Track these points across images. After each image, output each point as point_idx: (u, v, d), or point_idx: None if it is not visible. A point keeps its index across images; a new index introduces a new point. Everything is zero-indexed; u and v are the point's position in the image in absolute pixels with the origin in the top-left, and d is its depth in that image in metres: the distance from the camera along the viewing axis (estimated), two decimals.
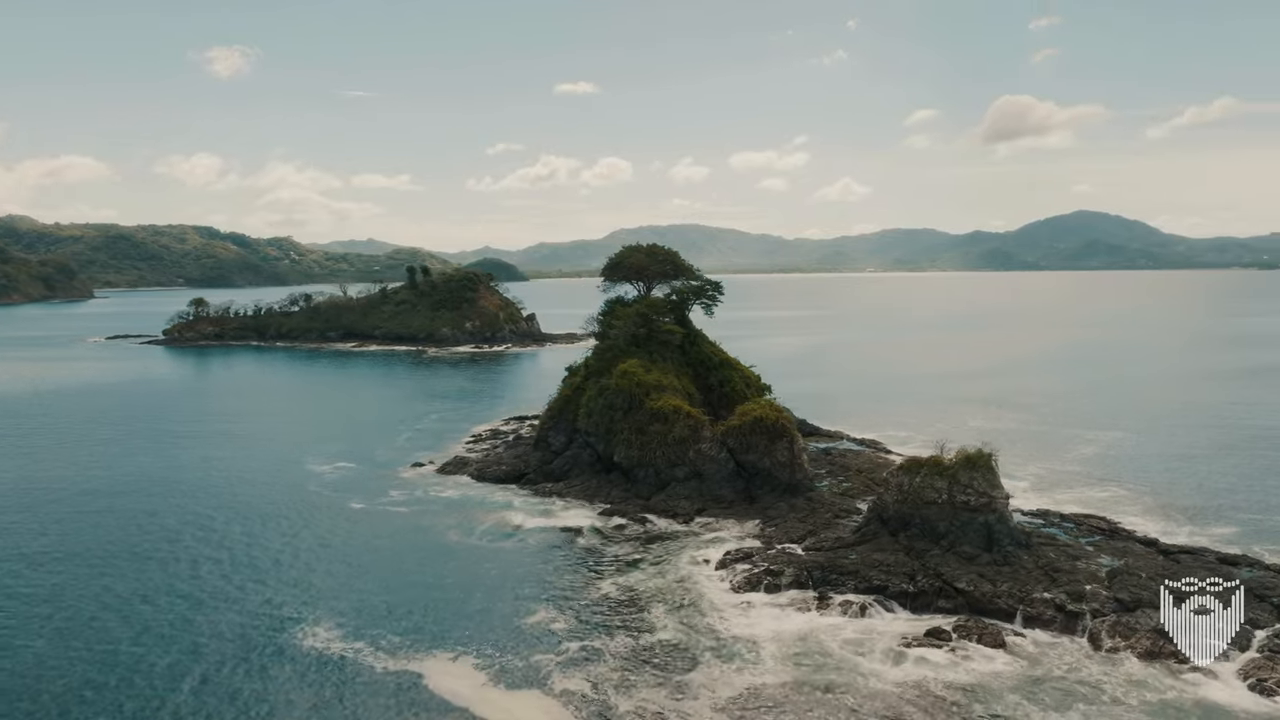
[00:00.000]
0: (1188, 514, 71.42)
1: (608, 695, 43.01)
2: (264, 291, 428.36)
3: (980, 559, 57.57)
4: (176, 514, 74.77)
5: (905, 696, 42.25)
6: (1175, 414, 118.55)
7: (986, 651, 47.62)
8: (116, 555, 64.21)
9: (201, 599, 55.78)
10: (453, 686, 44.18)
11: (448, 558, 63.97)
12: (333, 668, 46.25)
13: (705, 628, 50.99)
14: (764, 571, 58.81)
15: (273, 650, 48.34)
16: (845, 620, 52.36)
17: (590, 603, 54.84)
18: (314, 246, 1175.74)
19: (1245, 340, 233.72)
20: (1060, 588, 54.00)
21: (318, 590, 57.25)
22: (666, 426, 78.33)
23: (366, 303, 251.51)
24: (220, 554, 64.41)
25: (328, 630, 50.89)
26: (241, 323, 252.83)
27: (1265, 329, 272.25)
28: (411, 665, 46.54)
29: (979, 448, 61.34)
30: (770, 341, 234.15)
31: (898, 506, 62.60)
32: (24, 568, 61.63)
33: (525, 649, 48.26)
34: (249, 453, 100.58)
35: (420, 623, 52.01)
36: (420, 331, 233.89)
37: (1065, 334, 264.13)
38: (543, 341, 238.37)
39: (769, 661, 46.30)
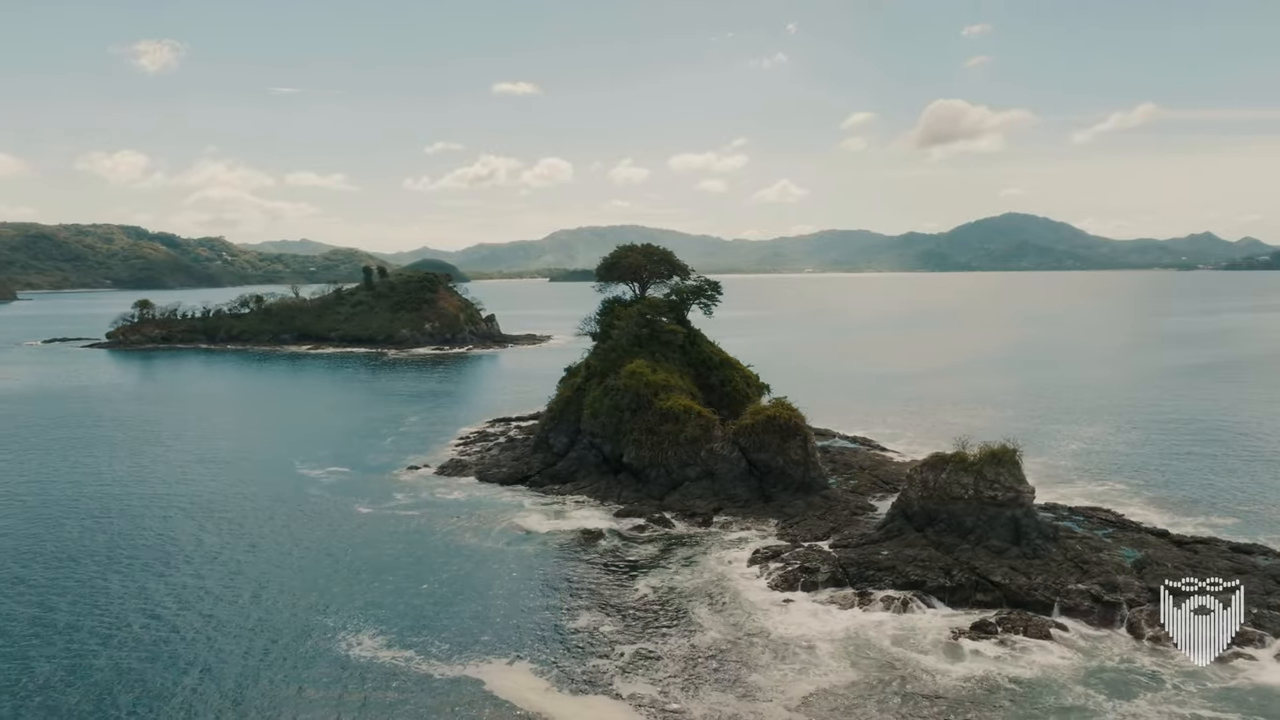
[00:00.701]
0: (1186, 506, 73.68)
1: (676, 699, 42.58)
2: (207, 293, 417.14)
3: (1009, 552, 58.52)
4: (183, 527, 72.06)
5: (975, 692, 42.69)
6: (1143, 410, 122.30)
7: (1036, 644, 48.39)
8: (130, 569, 61.60)
9: (232, 612, 53.75)
10: (518, 692, 43.30)
11: (472, 561, 62.79)
12: (390, 676, 44.97)
13: (753, 627, 50.87)
14: (799, 569, 58.96)
15: (323, 660, 46.85)
16: (889, 616, 52.71)
17: (631, 605, 54.30)
18: (247, 247, 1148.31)
19: (1180, 339, 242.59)
20: (1092, 579, 55.15)
21: (346, 598, 55.64)
22: (678, 426, 78.09)
23: (321, 304, 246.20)
24: (239, 560, 62.28)
25: (371, 639, 49.50)
26: (190, 325, 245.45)
27: (1194, 328, 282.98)
28: (469, 672, 45.51)
29: (1003, 443, 62.36)
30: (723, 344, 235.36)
31: (923, 502, 63.34)
32: (67, 585, 58.78)
33: (579, 653, 47.57)
34: (236, 459, 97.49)
35: (464, 628, 50.91)
36: (379, 333, 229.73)
37: (1009, 334, 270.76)
38: (503, 343, 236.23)
39: (829, 661, 46.34)
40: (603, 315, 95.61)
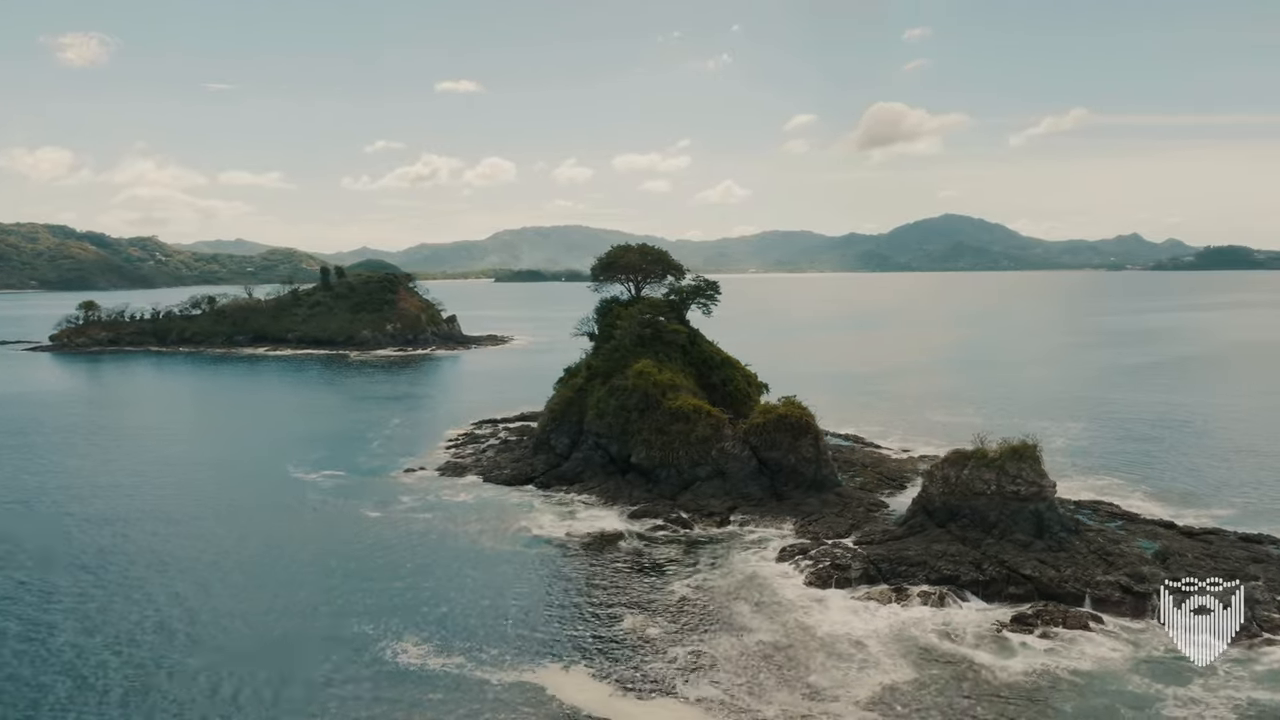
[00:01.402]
0: (1183, 498, 75.88)
1: (744, 700, 42.38)
2: (141, 294, 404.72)
3: (1034, 546, 59.49)
4: (195, 533, 69.74)
5: (1039, 684, 43.31)
6: (1116, 406, 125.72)
7: (1082, 635, 49.28)
8: (151, 580, 59.34)
9: (268, 621, 52.09)
10: (582, 698, 42.69)
11: (496, 564, 61.86)
12: (447, 683, 43.97)
13: (799, 626, 50.92)
14: (830, 566, 59.27)
15: (375, 669, 45.64)
16: (928, 612, 53.17)
17: (670, 606, 53.93)
18: (180, 247, 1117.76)
19: (1128, 336, 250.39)
20: (1119, 570, 56.36)
21: (377, 604, 54.30)
22: (688, 426, 77.93)
23: (277, 305, 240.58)
24: (259, 569, 60.46)
25: (415, 645, 48.38)
26: (139, 327, 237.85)
27: (1139, 325, 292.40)
28: (526, 677, 44.73)
29: (1023, 439, 63.49)
30: None
31: (945, 498, 64.11)
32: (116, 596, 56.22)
33: (632, 656, 47.08)
34: (223, 464, 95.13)
35: (507, 633, 50.06)
36: (339, 334, 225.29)
37: (960, 333, 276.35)
38: (466, 344, 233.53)
39: (884, 659, 46.54)
40: (601, 316, 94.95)
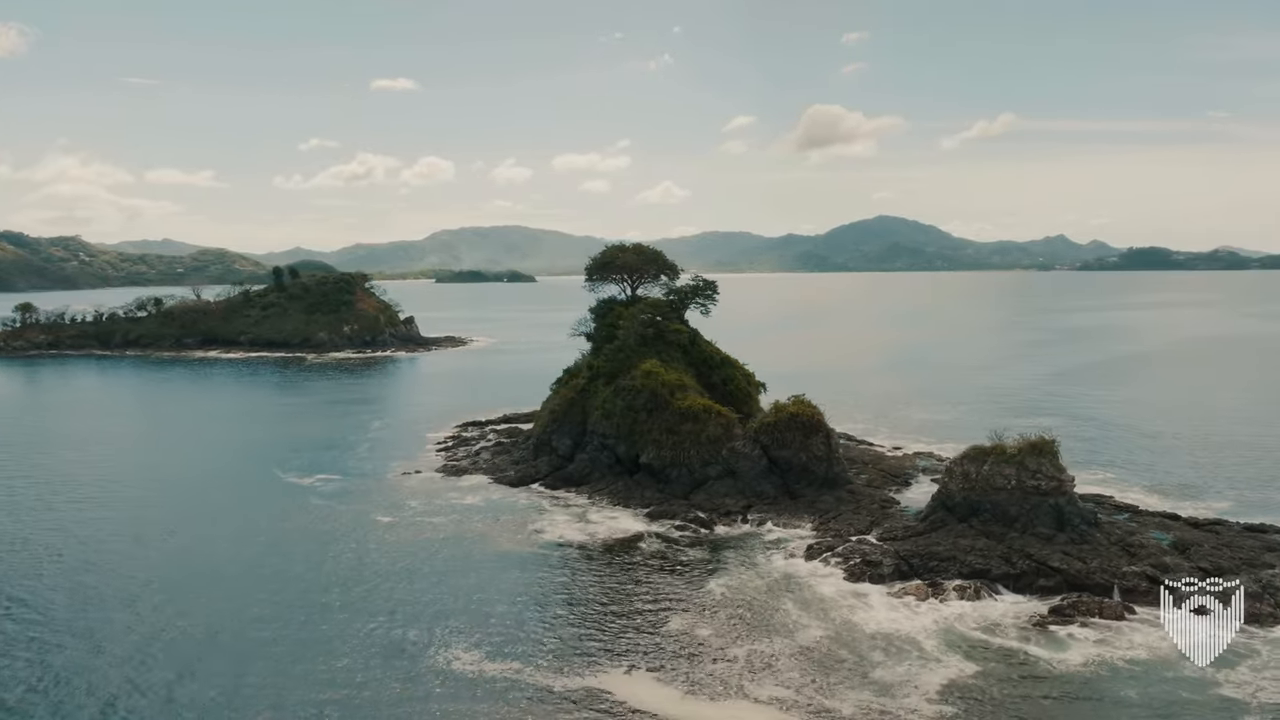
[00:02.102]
0: (1179, 491, 78.18)
1: (816, 699, 42.44)
2: (66, 295, 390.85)
3: (1057, 539, 60.79)
4: (207, 541, 67.40)
5: (1099, 674, 44.27)
6: (1084, 402, 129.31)
7: (1126, 625, 50.51)
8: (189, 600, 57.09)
9: (310, 631, 50.51)
10: (656, 702, 42.29)
11: (523, 567, 61.07)
12: (510, 690, 43.17)
13: (847, 623, 51.18)
14: (861, 563, 59.79)
15: (431, 676, 44.61)
16: (970, 606, 53.91)
17: (714, 607, 53.76)
18: (104, 247, 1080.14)
19: (1075, 334, 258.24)
20: (1143, 561, 57.92)
21: (414, 610, 53.14)
22: (699, 425, 77.92)
23: (228, 306, 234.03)
24: (284, 578, 58.58)
25: (465, 652, 47.43)
26: (80, 330, 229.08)
27: (1078, 323, 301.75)
28: (589, 683, 44.14)
29: (1040, 435, 64.93)
30: None
31: (965, 494, 65.15)
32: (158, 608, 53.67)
33: (691, 658, 46.75)
34: (209, 470, 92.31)
35: (555, 637, 49.39)
36: (294, 336, 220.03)
37: (915, 333, 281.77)
38: (426, 346, 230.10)
39: (941, 654, 46.92)
40: (600, 316, 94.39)
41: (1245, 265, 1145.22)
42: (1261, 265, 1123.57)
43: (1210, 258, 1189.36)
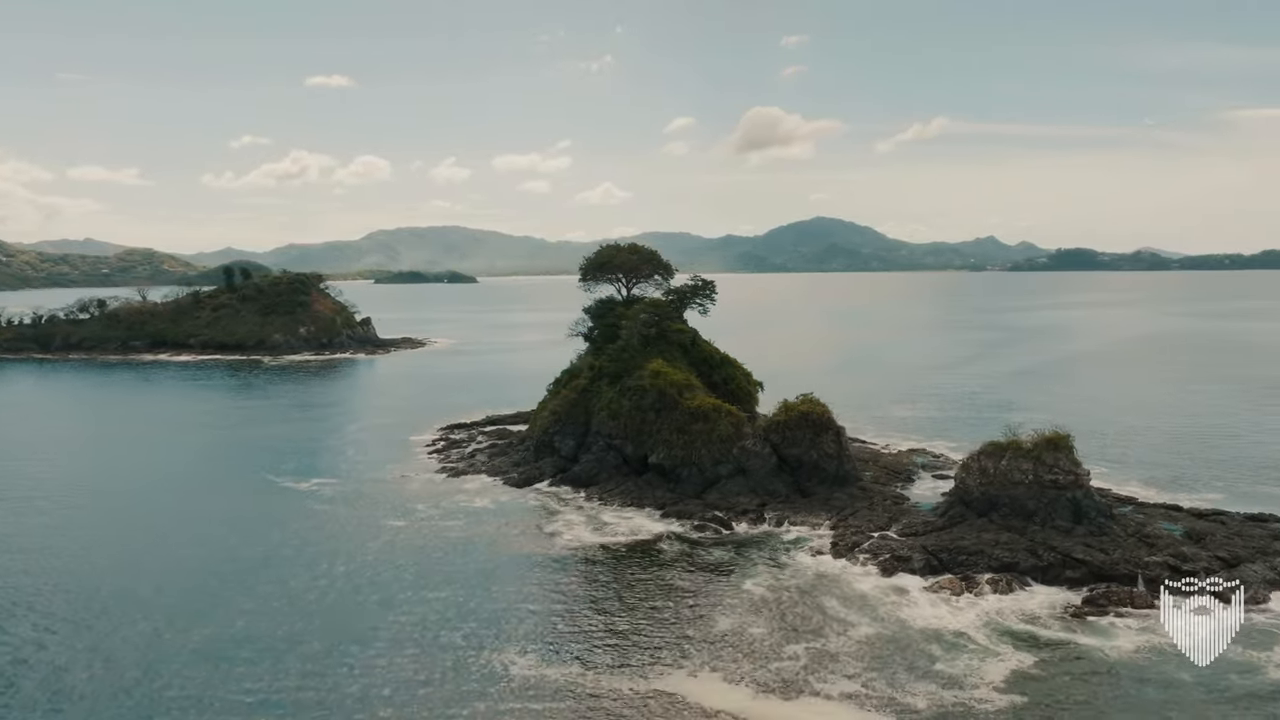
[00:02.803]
0: (1172, 483, 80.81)
1: (887, 692, 42.80)
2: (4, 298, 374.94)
3: (1076, 531, 62.31)
4: (234, 554, 65.07)
5: (1151, 661, 45.51)
6: (1049, 399, 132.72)
7: (1156, 613, 51.92)
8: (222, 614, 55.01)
9: (355, 639, 49.17)
10: (727, 702, 42.20)
11: (553, 570, 60.37)
12: (581, 694, 42.68)
13: (894, 619, 51.61)
14: (892, 559, 60.52)
15: (493, 681, 43.85)
16: (1006, 598, 54.90)
17: (757, 606, 53.78)
18: (22, 246, 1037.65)
19: (1025, 333, 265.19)
20: (1162, 552, 59.71)
21: (457, 615, 52.28)
22: (710, 425, 77.98)
23: (176, 308, 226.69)
24: (315, 585, 56.94)
25: (520, 656, 46.82)
26: (17, 332, 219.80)
27: (1024, 322, 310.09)
28: (657, 685, 43.84)
29: (1055, 430, 66.50)
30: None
31: (983, 489, 66.41)
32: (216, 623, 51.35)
33: (752, 657, 46.71)
34: (197, 477, 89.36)
35: (609, 640, 48.95)
36: (248, 339, 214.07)
37: (871, 332, 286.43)
38: (385, 347, 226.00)
39: (996, 646, 47.66)
40: (598, 317, 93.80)
41: (1166, 266, 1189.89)
42: (1181, 266, 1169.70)
43: (1134, 259, 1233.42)
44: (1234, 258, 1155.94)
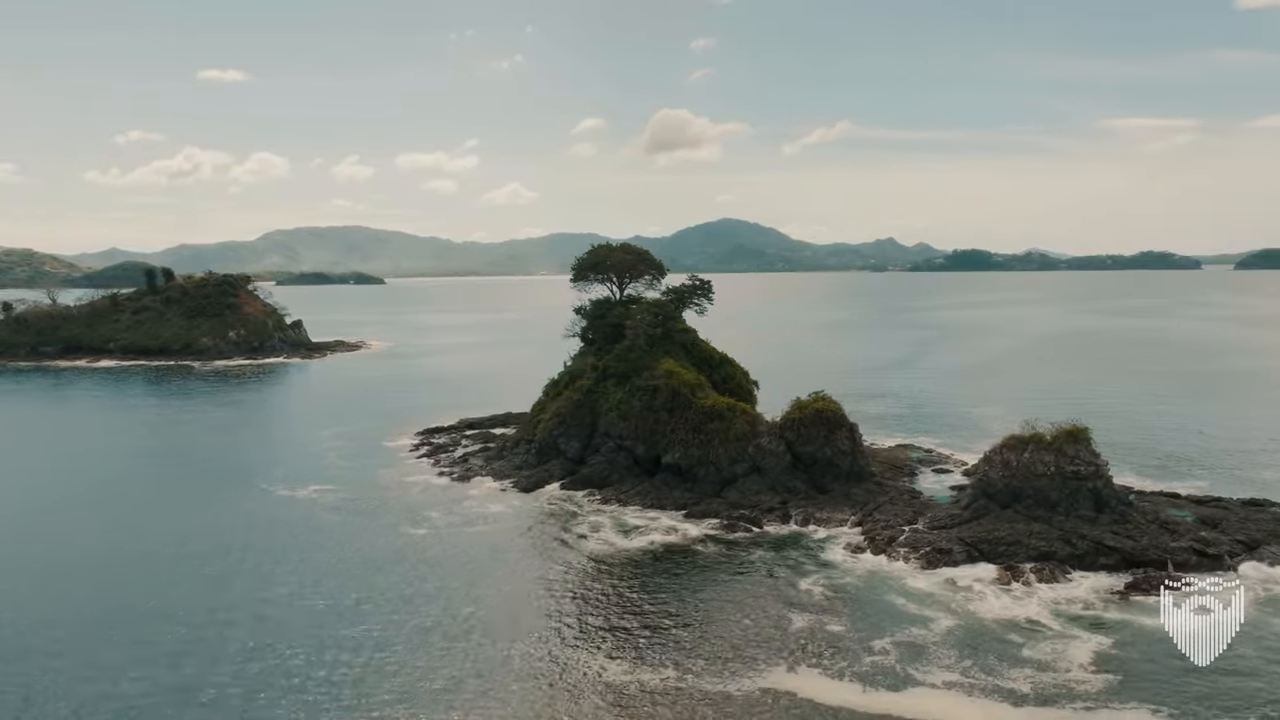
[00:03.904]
0: (1159, 471, 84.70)
1: (989, 680, 43.62)
2: None
3: (1101, 520, 64.70)
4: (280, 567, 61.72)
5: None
6: (1008, 393, 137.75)
7: (1199, 597, 54.43)
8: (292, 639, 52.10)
9: (458, 661, 47.43)
10: (838, 696, 42.39)
11: (605, 574, 59.52)
12: (692, 696, 42.18)
13: (966, 610, 52.29)
14: (933, 551, 61.75)
15: (591, 687, 43.01)
16: (1058, 587, 56.48)
17: (821, 604, 53.84)
18: None
19: (956, 331, 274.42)
20: (1185, 537, 62.57)
21: (525, 623, 51.18)
22: (725, 424, 78.13)
23: (92, 311, 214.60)
24: (380, 602, 54.70)
25: (610, 660, 46.14)
26: None
27: (951, 320, 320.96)
28: (762, 684, 43.68)
29: (1074, 423, 68.97)
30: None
31: (1006, 481, 68.33)
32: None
33: (844, 653, 46.83)
34: (188, 484, 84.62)
35: (694, 642, 48.54)
36: (173, 343, 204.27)
37: (803, 333, 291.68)
38: (320, 351, 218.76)
39: (1071, 631, 49.09)
40: (596, 317, 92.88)
41: (1055, 266, 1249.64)
42: (1069, 266, 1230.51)
43: (1025, 259, 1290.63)
44: (1115, 258, 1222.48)
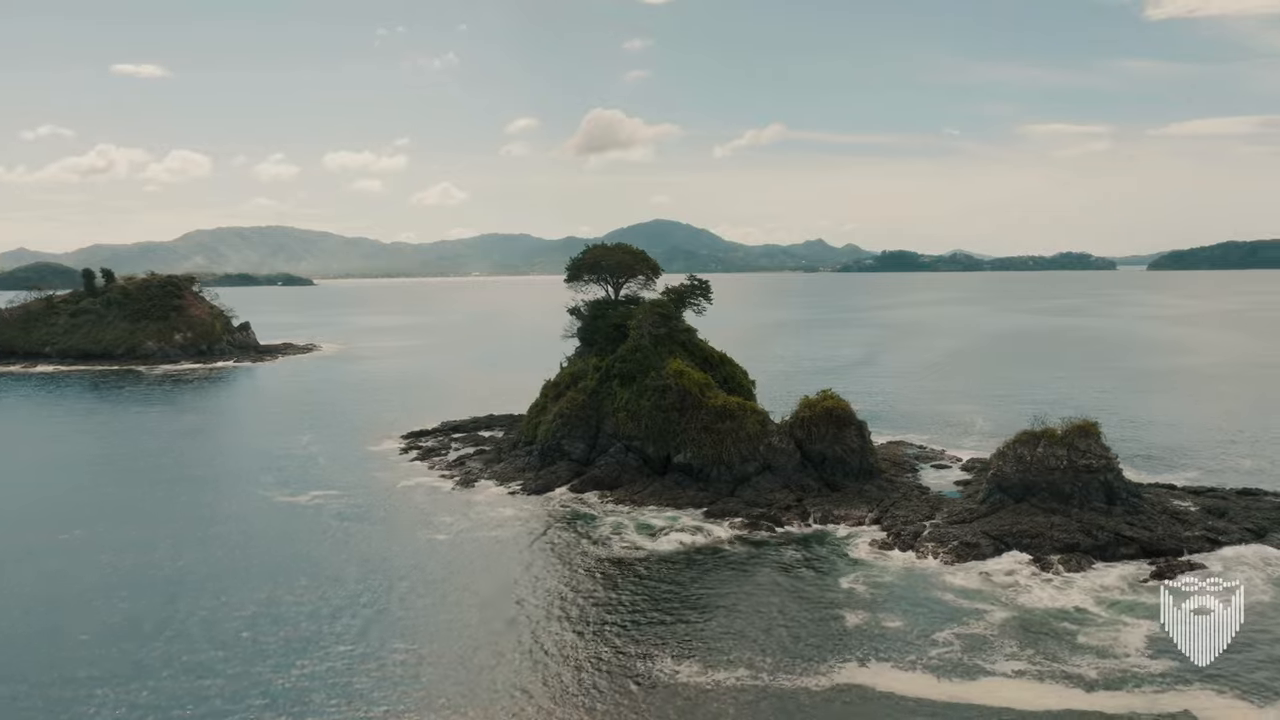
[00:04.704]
0: (1147, 463, 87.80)
1: (1057, 666, 44.63)
2: None
3: (1114, 511, 66.74)
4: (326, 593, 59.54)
5: (1264, 612, 49.74)
6: (976, 389, 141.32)
7: (1219, 577, 56.58)
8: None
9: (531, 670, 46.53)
10: (914, 687, 42.94)
11: (647, 575, 59.22)
12: (771, 695, 42.27)
13: (1014, 602, 53.11)
14: (962, 545, 62.98)
15: (662, 689, 42.74)
16: (1090, 575, 58.04)
17: (869, 601, 54.09)
18: None
19: (906, 330, 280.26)
20: (1195, 526, 65.13)
21: (578, 625, 50.67)
22: (737, 423, 78.47)
23: (26, 314, 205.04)
24: (453, 614, 53.37)
25: (675, 662, 46.05)
26: None
27: (900, 319, 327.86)
28: (836, 680, 43.96)
29: (1084, 418, 71.11)
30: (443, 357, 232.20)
31: (1020, 475, 69.99)
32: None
33: (909, 646, 47.32)
34: (182, 494, 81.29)
35: (759, 640, 48.56)
36: (116, 347, 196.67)
37: (756, 333, 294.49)
38: (271, 354, 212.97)
39: (1118, 616, 50.70)
40: (595, 318, 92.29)
41: (979, 267, 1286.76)
42: (992, 267, 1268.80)
43: (950, 260, 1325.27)
44: (1036, 259, 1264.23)
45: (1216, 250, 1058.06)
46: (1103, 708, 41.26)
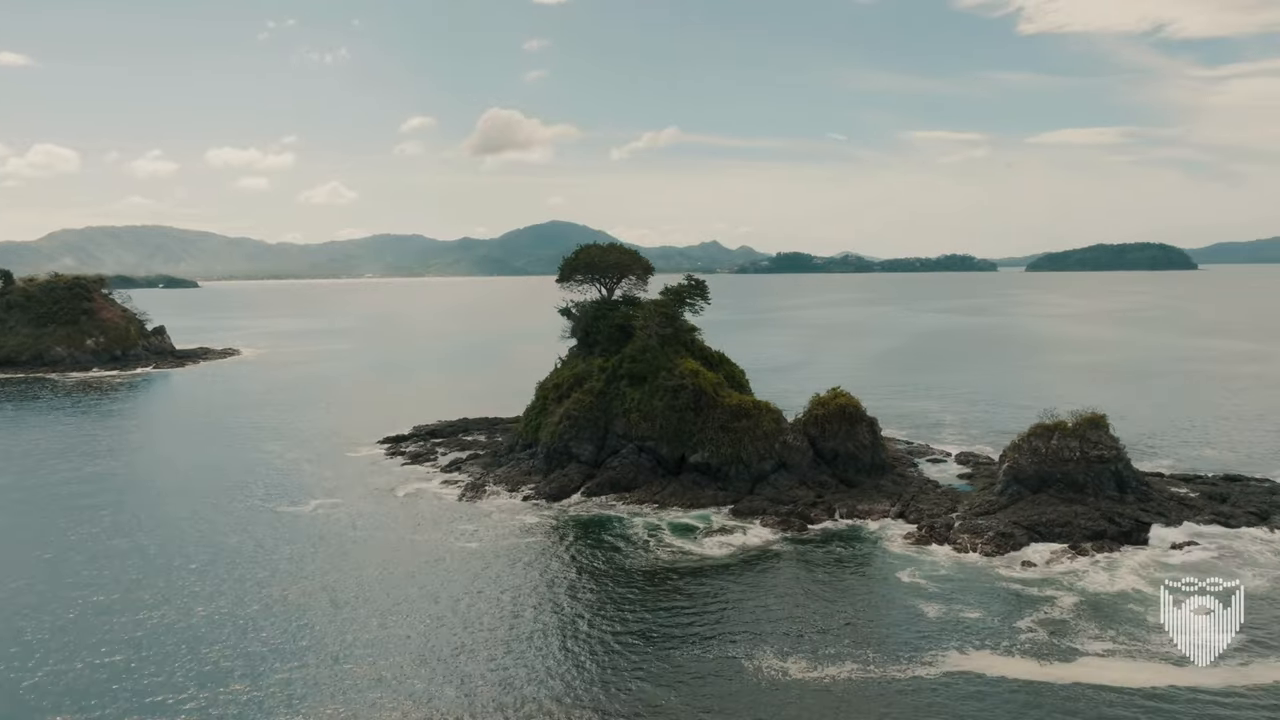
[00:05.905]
0: (1133, 453, 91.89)
1: (1139, 646, 47.04)
2: None
3: (1127, 499, 70.23)
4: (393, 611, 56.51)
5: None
6: (931, 386, 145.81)
7: (1240, 549, 60.67)
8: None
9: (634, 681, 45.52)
10: (1023, 670, 44.52)
11: (708, 578, 59.12)
12: (893, 686, 42.79)
13: (1077, 587, 55.68)
14: (998, 535, 65.01)
15: (774, 688, 42.78)
16: (1127, 557, 60.76)
17: (935, 595, 55.09)
18: None
19: (844, 329, 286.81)
20: (1204, 512, 69.12)
21: (671, 632, 50.14)
22: (753, 421, 78.93)
23: None
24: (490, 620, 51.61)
25: (780, 660, 46.45)
26: None
27: (830, 319, 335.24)
28: (947, 668, 44.95)
29: (1092, 411, 74.29)
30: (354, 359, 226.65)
31: (1036, 467, 72.64)
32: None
33: (996, 634, 48.86)
34: (180, 506, 76.49)
35: (857, 636, 49.35)
36: (21, 352, 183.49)
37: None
38: (194, 359, 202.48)
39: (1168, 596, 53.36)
40: (595, 318, 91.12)
41: (870, 268, 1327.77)
42: (882, 268, 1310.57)
43: (842, 262, 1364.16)
44: (923, 260, 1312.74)
45: (1088, 253, 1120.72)
46: (1199, 683, 43.33)
